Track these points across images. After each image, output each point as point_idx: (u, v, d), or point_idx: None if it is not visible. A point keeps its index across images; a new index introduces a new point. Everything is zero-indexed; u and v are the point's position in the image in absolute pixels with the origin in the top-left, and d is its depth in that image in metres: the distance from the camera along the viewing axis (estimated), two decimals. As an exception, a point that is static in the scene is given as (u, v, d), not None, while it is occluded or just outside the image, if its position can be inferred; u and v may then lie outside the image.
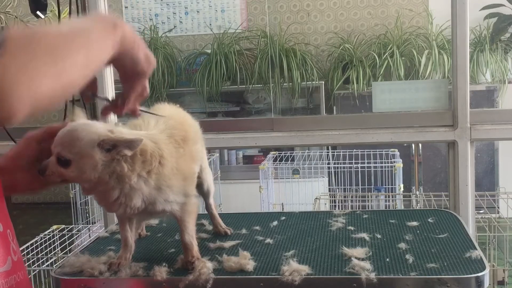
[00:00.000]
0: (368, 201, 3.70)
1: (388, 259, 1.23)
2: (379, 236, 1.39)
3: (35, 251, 2.77)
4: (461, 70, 1.92)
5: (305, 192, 3.84)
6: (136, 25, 5.52)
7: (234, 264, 1.21)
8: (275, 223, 1.55)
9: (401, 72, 4.87)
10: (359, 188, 3.90)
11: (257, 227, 1.51)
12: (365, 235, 1.39)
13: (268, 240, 1.40)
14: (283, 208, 3.76)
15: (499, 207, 3.11)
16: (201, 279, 1.16)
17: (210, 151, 1.55)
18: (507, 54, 4.96)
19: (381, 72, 4.88)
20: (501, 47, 4.93)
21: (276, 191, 4.05)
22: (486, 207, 2.88)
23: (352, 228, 1.47)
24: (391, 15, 5.34)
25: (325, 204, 3.54)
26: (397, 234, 1.41)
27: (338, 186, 4.05)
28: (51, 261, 2.71)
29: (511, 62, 5.00)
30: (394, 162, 3.74)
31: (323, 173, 4.30)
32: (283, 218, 1.60)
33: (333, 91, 5.06)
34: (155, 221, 1.61)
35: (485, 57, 4.88)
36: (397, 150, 4.00)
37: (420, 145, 4.87)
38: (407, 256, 1.23)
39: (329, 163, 4.20)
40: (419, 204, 3.63)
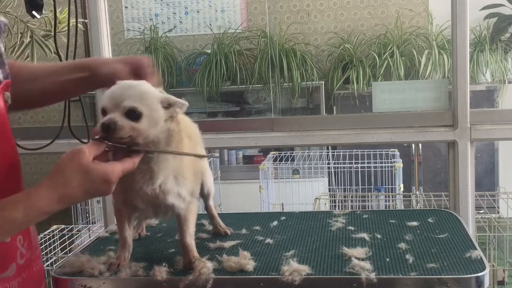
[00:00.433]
0: (368, 201, 3.70)
1: (388, 259, 1.23)
2: (379, 236, 1.39)
3: (35, 251, 2.76)
4: (461, 70, 1.92)
5: (305, 192, 3.84)
6: (136, 25, 5.52)
7: (234, 264, 1.21)
8: (275, 223, 1.55)
9: (401, 72, 4.87)
10: (359, 188, 3.90)
11: (257, 227, 1.51)
12: (365, 235, 1.39)
13: (268, 240, 1.40)
14: (283, 208, 3.76)
15: (499, 207, 3.11)
16: (201, 279, 1.16)
17: (210, 151, 1.55)
18: (507, 54, 4.95)
19: (381, 72, 4.88)
20: (501, 47, 4.93)
21: (276, 191, 4.05)
22: (486, 207, 2.88)
23: (352, 228, 1.47)
24: (391, 15, 5.34)
25: (325, 204, 3.54)
26: (397, 234, 1.41)
27: (338, 186, 4.06)
28: (51, 261, 2.71)
29: (511, 62, 5.00)
30: (394, 162, 3.75)
31: (323, 173, 4.30)
32: (283, 218, 1.61)
33: (333, 91, 5.06)
34: (155, 221, 1.61)
35: (485, 57, 4.88)
36: (397, 150, 4.00)
37: (420, 145, 4.87)
38: (407, 256, 1.23)
39: (329, 163, 4.20)
40: (419, 204, 3.63)
